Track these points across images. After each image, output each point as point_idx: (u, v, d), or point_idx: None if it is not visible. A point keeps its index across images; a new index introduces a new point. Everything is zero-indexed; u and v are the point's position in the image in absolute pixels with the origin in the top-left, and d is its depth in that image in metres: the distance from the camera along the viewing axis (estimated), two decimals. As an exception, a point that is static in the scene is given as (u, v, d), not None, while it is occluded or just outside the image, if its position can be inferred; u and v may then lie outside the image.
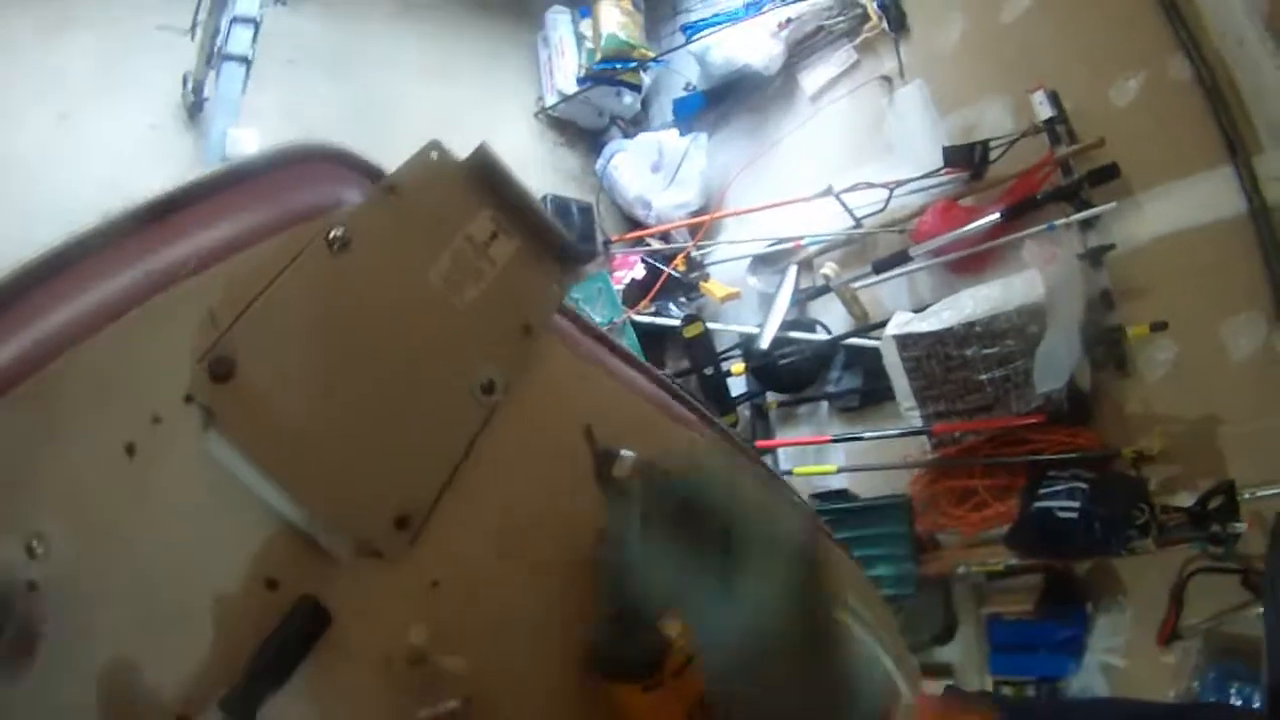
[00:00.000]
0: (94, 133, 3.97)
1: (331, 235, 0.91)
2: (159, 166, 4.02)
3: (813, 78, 4.99)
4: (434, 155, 1.02)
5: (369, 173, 1.03)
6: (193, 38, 4.00)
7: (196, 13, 3.95)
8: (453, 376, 0.98)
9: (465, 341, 1.00)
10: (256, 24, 3.86)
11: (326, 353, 0.91)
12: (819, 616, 1.03)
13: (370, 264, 0.94)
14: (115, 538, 0.83)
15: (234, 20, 3.82)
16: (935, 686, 3.16)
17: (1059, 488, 3.37)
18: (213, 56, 3.95)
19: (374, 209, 0.97)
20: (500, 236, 1.05)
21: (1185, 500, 3.12)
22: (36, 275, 0.87)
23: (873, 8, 4.55)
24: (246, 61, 3.89)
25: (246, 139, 3.85)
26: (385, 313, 0.95)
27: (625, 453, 1.07)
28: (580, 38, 5.47)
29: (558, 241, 1.10)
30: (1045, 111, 3.72)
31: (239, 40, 3.84)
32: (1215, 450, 3.25)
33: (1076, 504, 3.25)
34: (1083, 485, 3.30)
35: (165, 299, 0.86)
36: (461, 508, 0.95)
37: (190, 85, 4.15)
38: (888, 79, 4.56)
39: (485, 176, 1.03)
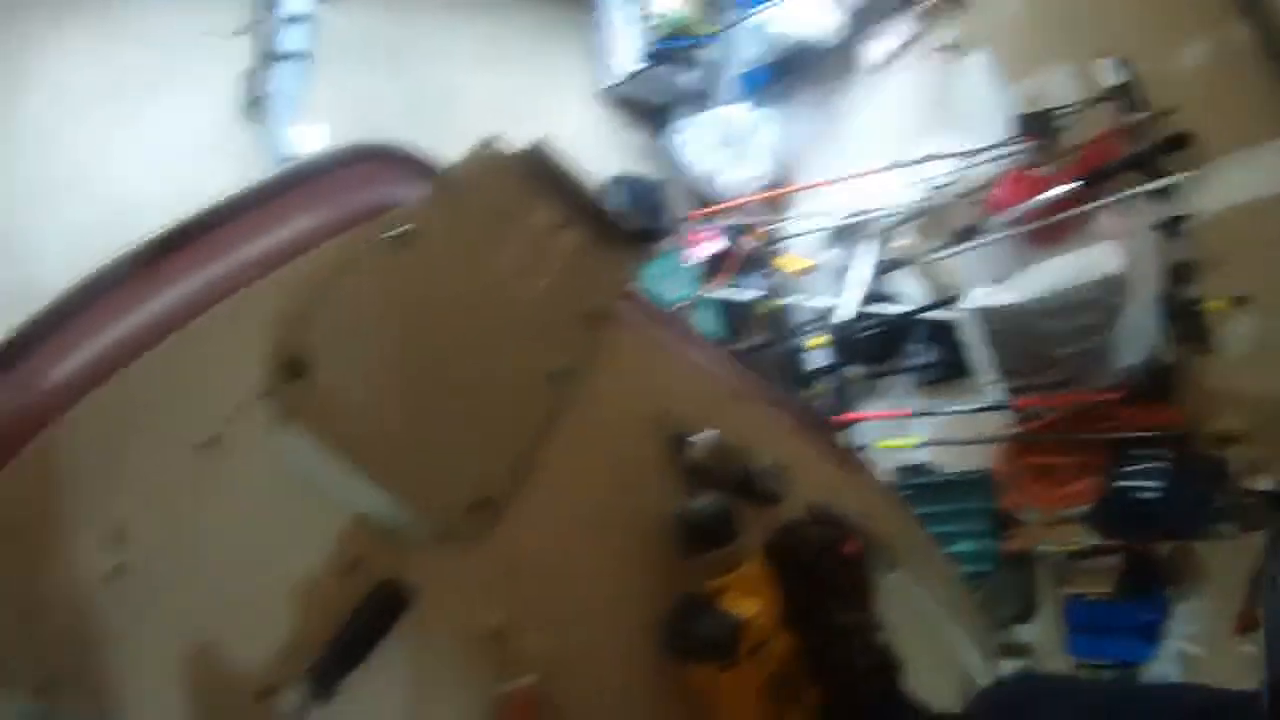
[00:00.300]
0: (154, 136, 4.08)
1: (395, 232, 0.95)
2: (221, 164, 4.09)
3: (876, 48, 4.92)
4: (490, 150, 1.05)
5: (428, 170, 1.07)
6: (246, 40, 4.12)
7: (246, 16, 4.07)
8: (524, 365, 1.02)
9: (535, 330, 1.04)
10: (309, 19, 3.98)
11: (396, 345, 0.95)
12: None
13: (435, 258, 0.98)
14: (197, 527, 0.88)
15: (288, 19, 3.94)
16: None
17: (1140, 467, 3.33)
18: (269, 55, 4.06)
19: (433, 205, 1.00)
20: (562, 227, 1.08)
21: (1268, 482, 3.07)
22: (107, 282, 0.93)
23: (933, -29, 4.42)
24: (305, 57, 4.01)
25: (312, 136, 3.93)
26: (453, 305, 0.99)
27: (700, 434, 1.11)
28: (638, 17, 5.42)
29: (620, 228, 1.13)
30: (1113, 78, 3.62)
31: (294, 38, 3.97)
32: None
33: (1157, 484, 3.21)
34: (1164, 465, 3.26)
35: (235, 302, 0.91)
36: (537, 492, 0.98)
37: (248, 84, 4.24)
38: (951, 48, 4.47)
39: (542, 169, 1.07)
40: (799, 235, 5.23)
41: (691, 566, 1.03)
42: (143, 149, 4.01)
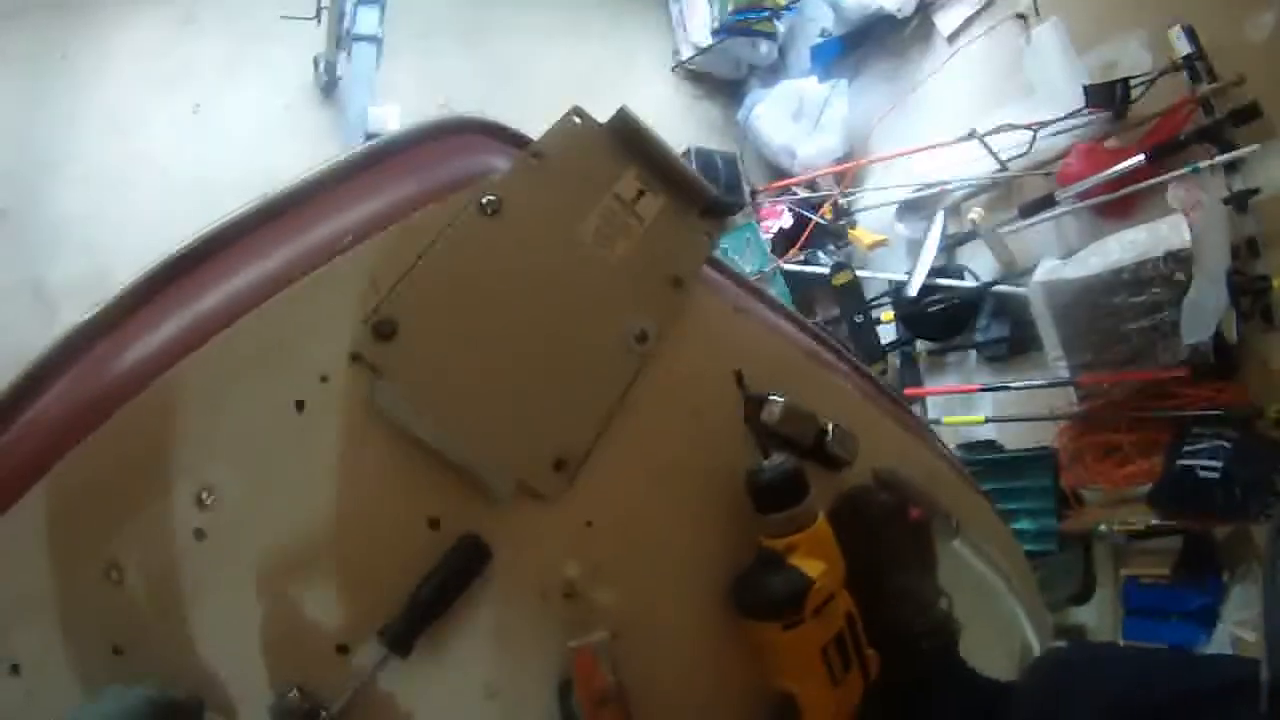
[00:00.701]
0: (228, 120, 4.24)
1: (483, 200, 0.99)
2: (296, 144, 4.28)
3: (948, 18, 4.85)
4: (576, 120, 1.08)
5: (515, 140, 1.10)
6: (318, 24, 4.21)
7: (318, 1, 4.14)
8: (607, 328, 1.05)
9: (618, 294, 1.07)
10: (381, 3, 4.06)
11: (484, 310, 0.98)
12: None
13: (522, 225, 1.01)
14: (285, 487, 0.91)
15: (359, 2, 4.03)
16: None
17: (1202, 446, 3.28)
18: (342, 38, 4.17)
19: (522, 174, 1.04)
20: (646, 194, 1.10)
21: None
22: (208, 248, 0.97)
23: (1004, -62, 4.35)
24: (377, 40, 4.09)
25: (388, 116, 4.05)
26: (539, 270, 1.03)
27: (775, 397, 1.12)
28: (711, -12, 5.44)
29: (703, 195, 1.15)
30: (1184, 47, 3.53)
31: (367, 21, 4.05)
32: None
33: (1219, 464, 3.16)
34: (1226, 444, 3.21)
35: (329, 269, 0.93)
36: (616, 452, 1.02)
37: (322, 66, 4.37)
38: (1023, 16, 4.40)
39: (627, 137, 1.09)
40: (872, 208, 5.22)
41: (762, 525, 1.06)
42: (218, 134, 4.17)
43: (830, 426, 1.18)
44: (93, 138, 3.93)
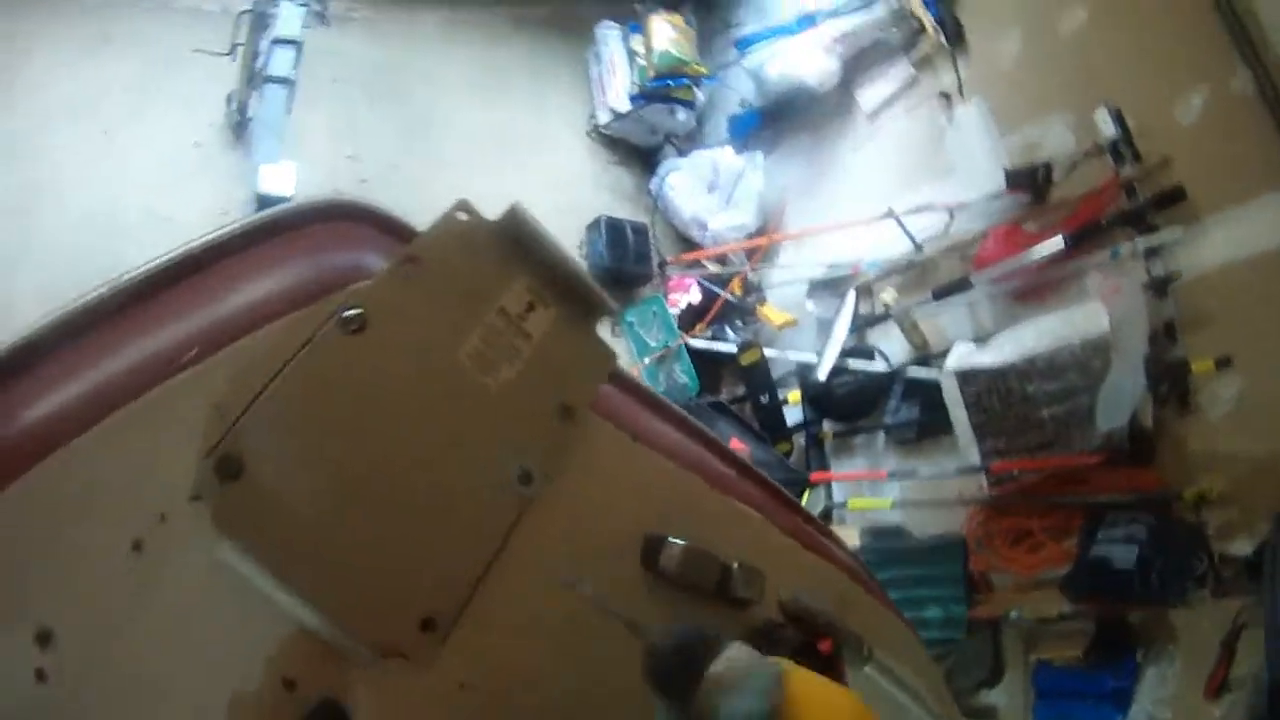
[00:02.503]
0: (137, 149, 4.08)
1: (345, 314, 0.90)
2: (202, 185, 4.14)
3: (870, 95, 4.96)
4: (462, 217, 0.99)
5: (398, 232, 1.02)
6: (233, 59, 4.10)
7: (235, 36, 4.05)
8: (486, 467, 0.97)
9: (500, 429, 0.98)
10: (298, 45, 3.93)
11: (343, 446, 0.89)
12: None
13: (390, 345, 0.92)
14: (124, 635, 0.82)
15: (275, 42, 3.90)
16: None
17: (1117, 532, 3.29)
18: (254, 77, 4.04)
19: (394, 282, 0.95)
20: (537, 307, 1.02)
21: (1245, 546, 3.05)
22: (45, 346, 0.86)
23: (928, 20, 4.50)
24: (289, 83, 3.96)
25: (283, 175, 3.89)
26: (408, 400, 0.94)
27: (674, 540, 1.07)
28: (632, 54, 5.51)
29: (602, 308, 1.08)
30: (1109, 130, 3.65)
31: (281, 62, 3.92)
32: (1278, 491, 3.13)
33: (1135, 551, 3.17)
34: (1141, 531, 3.22)
35: (169, 389, 0.85)
36: (493, 606, 0.93)
37: (234, 105, 4.25)
38: (946, 95, 4.51)
39: (519, 240, 1.01)
40: (782, 285, 5.23)
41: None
42: (125, 165, 4.03)
43: (734, 566, 1.14)
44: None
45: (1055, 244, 3.71)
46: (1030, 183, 3.93)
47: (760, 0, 5.41)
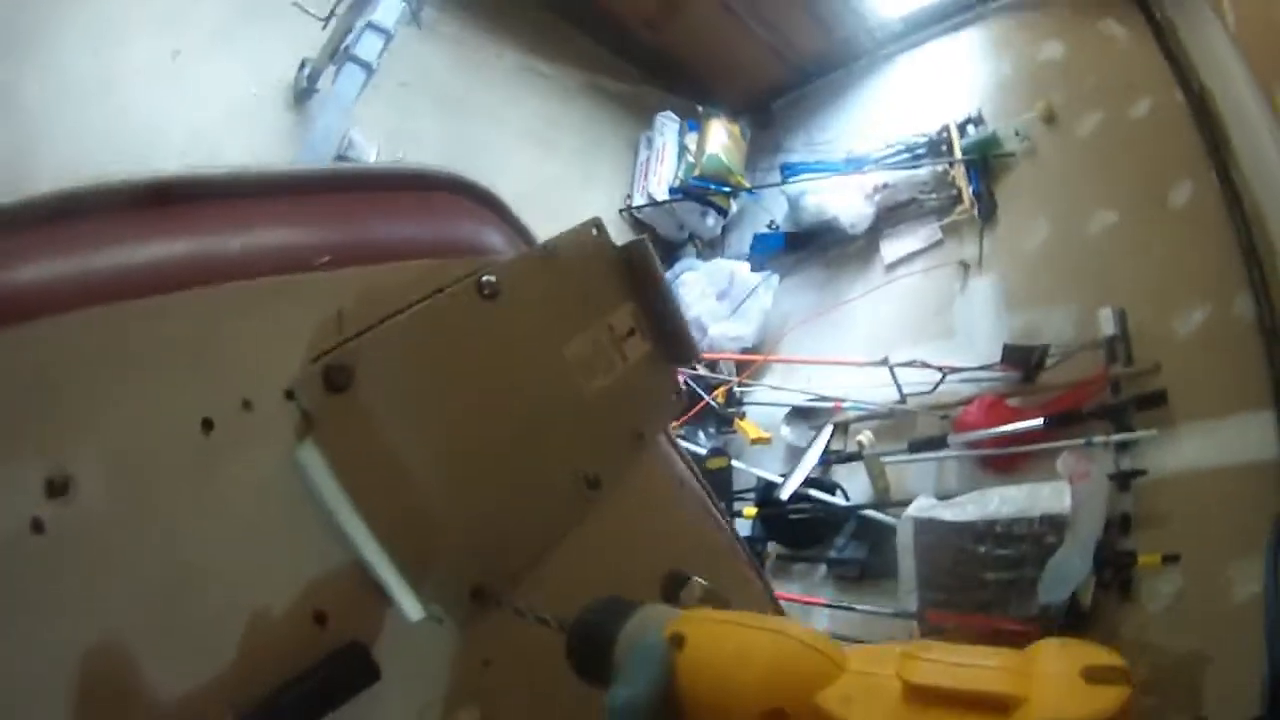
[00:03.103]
0: (199, 80, 4.05)
1: (484, 278, 0.91)
2: (249, 137, 4.14)
3: (893, 247, 5.23)
4: (594, 232, 1.06)
5: (514, 224, 1.05)
6: (324, 27, 4.19)
7: (336, 4, 4.13)
8: (565, 462, 0.98)
9: (583, 430, 1.00)
10: (389, 36, 4.02)
11: (449, 398, 0.88)
12: None
13: (513, 320, 0.94)
14: (160, 510, 0.74)
15: (368, 25, 3.97)
16: None
17: (1038, 703, 3.36)
18: (337, 53, 4.10)
19: (531, 266, 0.98)
20: (636, 334, 1.07)
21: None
22: (174, 192, 0.81)
23: (968, 192, 4.83)
24: (370, 69, 4.03)
25: (367, 146, 3.99)
26: (516, 375, 0.95)
27: (698, 579, 1.05)
28: (683, 149, 5.75)
29: (689, 357, 1.12)
30: (1109, 328, 3.90)
31: (369, 47, 3.98)
32: (1196, 688, 3.27)
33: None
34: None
35: (292, 283, 0.81)
36: (531, 594, 0.91)
37: (307, 70, 4.28)
38: (965, 264, 4.80)
39: (636, 269, 1.07)
40: (764, 404, 5.37)
41: None
42: (179, 87, 3.98)
43: None
44: (68, 48, 3.74)
45: (1035, 423, 3.90)
46: (1024, 361, 4.15)
47: (814, 133, 5.70)
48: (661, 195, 5.73)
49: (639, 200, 5.84)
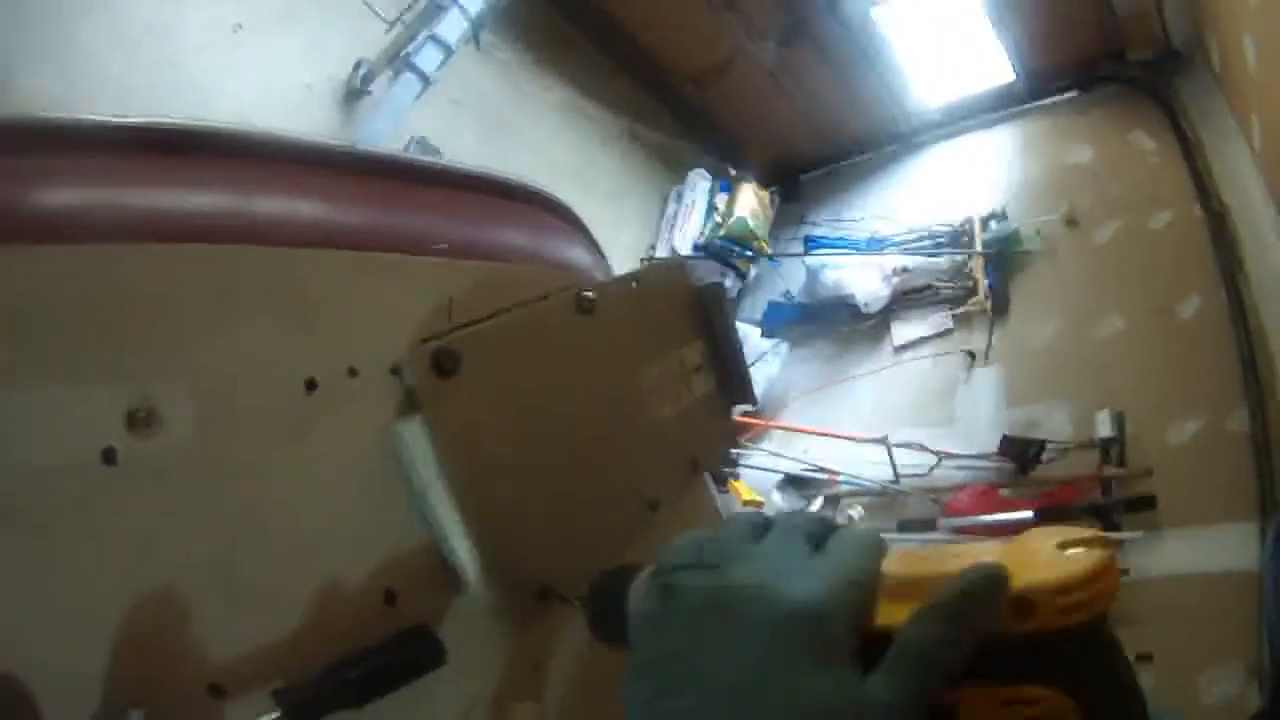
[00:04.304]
0: (255, 59, 4.07)
1: (584, 293, 0.96)
2: (294, 124, 4.02)
3: (904, 330, 5.41)
4: (680, 269, 1.14)
5: (595, 245, 1.15)
6: (387, 30, 4.29)
7: (404, 10, 4.23)
8: (633, 481, 1.02)
9: (650, 453, 1.06)
10: (450, 51, 4.10)
11: (542, 398, 0.92)
12: None
13: (604, 339, 0.99)
14: (247, 462, 0.74)
15: (431, 37, 4.05)
16: None
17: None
18: (396, 59, 4.17)
19: (622, 291, 1.04)
20: (703, 371, 1.13)
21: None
22: (305, 158, 0.84)
23: (983, 285, 5.02)
24: (427, 81, 4.09)
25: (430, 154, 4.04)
26: (600, 389, 1.00)
27: None
28: (712, 207, 5.93)
29: (745, 398, 1.19)
30: (1106, 430, 4.07)
31: (429, 59, 4.06)
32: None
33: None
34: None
35: (411, 263, 0.84)
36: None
37: (362, 72, 4.31)
38: (972, 355, 4.98)
39: (709, 310, 1.14)
40: (758, 469, 5.44)
41: None
42: (236, 63, 3.99)
43: None
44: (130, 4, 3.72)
45: (1025, 515, 4.02)
46: (1021, 454, 4.29)
47: (840, 210, 5.91)
48: (684, 250, 5.86)
49: (661, 251, 5.97)
